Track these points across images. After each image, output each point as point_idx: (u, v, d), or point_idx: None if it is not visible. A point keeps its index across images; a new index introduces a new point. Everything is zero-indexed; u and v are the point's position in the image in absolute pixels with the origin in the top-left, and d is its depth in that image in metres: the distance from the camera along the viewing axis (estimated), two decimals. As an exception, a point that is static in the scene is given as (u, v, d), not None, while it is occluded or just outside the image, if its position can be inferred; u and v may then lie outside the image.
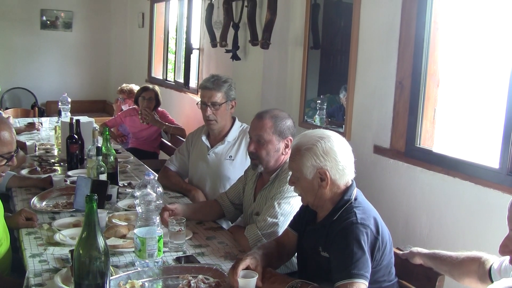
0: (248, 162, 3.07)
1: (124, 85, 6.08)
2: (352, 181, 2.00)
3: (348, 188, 1.98)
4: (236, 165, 3.14)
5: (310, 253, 2.03)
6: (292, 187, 2.36)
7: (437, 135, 3.04)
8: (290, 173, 2.06)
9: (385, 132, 3.22)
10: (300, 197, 2.36)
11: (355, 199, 1.96)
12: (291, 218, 2.34)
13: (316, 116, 3.93)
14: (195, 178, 3.28)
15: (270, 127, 2.49)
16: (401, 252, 2.11)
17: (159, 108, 5.32)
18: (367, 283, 1.77)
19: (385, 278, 1.96)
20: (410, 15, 3.03)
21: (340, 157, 1.93)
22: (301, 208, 2.19)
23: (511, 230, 1.46)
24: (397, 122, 3.14)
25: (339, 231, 1.87)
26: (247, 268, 1.91)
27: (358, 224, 1.84)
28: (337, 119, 3.86)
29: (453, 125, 3.07)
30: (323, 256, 1.93)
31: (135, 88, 5.88)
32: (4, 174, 2.27)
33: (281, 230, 2.34)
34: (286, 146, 2.51)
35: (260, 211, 2.50)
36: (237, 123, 3.23)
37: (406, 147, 3.09)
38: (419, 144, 3.05)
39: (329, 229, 1.92)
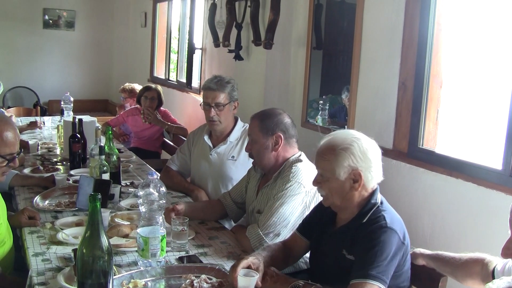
0: (250, 162, 3.07)
1: (126, 84, 6.09)
2: (377, 185, 1.97)
3: (374, 192, 1.95)
4: (239, 165, 3.14)
5: (332, 257, 1.98)
6: (294, 186, 2.37)
7: (440, 136, 3.04)
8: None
9: (387, 133, 3.22)
10: (300, 196, 2.37)
11: (381, 202, 1.93)
12: (293, 218, 2.34)
13: (318, 116, 3.93)
14: (197, 178, 3.28)
15: (255, 126, 2.52)
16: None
17: (161, 108, 5.32)
18: (383, 287, 1.75)
19: (405, 283, 1.95)
20: (414, 16, 3.03)
21: (374, 160, 1.90)
22: (315, 213, 2.15)
23: None
24: (400, 123, 3.14)
25: (367, 234, 1.84)
26: (249, 267, 1.90)
27: (387, 228, 1.82)
28: (339, 119, 3.86)
29: (456, 126, 3.07)
30: (348, 259, 1.89)
31: (137, 87, 5.89)
32: (6, 174, 2.27)
33: (283, 230, 2.34)
34: (276, 143, 2.49)
35: (261, 208, 2.50)
36: (239, 123, 3.23)
37: (408, 148, 3.09)
38: (422, 145, 3.04)
39: (356, 232, 1.89)
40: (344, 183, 1.90)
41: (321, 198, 2.04)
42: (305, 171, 2.41)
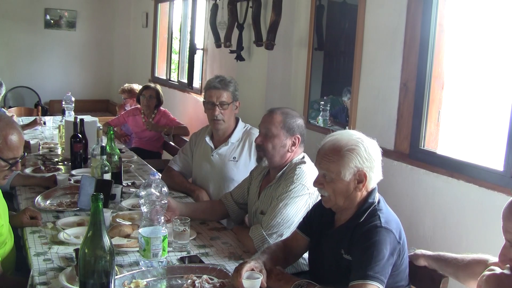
0: (252, 163, 3.08)
1: (125, 85, 6.10)
2: (375, 184, 1.98)
3: (372, 191, 1.96)
4: (240, 166, 3.14)
5: (331, 256, 1.99)
6: (298, 187, 2.37)
7: (441, 137, 3.04)
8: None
9: (389, 134, 3.22)
10: (304, 198, 2.37)
11: (378, 202, 1.94)
12: (297, 219, 2.34)
13: (320, 117, 3.93)
14: (199, 179, 3.28)
15: (279, 121, 2.50)
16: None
17: (161, 108, 5.33)
18: (381, 287, 1.76)
19: (403, 283, 1.95)
20: (415, 17, 3.03)
21: (377, 160, 1.92)
22: (315, 211, 2.16)
23: (507, 240, 1.45)
24: (401, 124, 3.14)
25: (363, 234, 1.85)
26: (252, 270, 1.90)
27: (382, 228, 1.83)
28: (340, 120, 3.86)
29: (457, 127, 3.07)
30: (346, 259, 1.90)
31: (136, 87, 5.90)
32: (7, 177, 2.26)
33: (286, 231, 2.34)
34: (293, 144, 2.51)
35: (264, 209, 2.50)
36: (241, 124, 3.24)
37: (410, 149, 3.09)
38: (423, 146, 3.05)
39: (354, 232, 1.90)
40: (349, 184, 1.91)
41: None
42: (309, 173, 2.41)
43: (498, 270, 1.60)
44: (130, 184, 3.26)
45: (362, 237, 1.85)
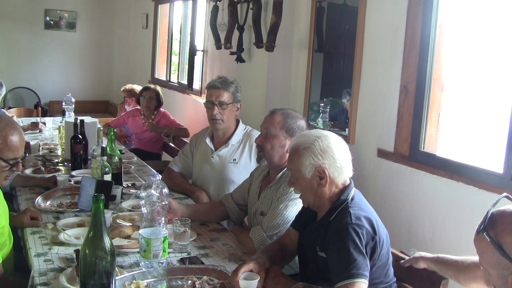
0: (252, 165, 3.09)
1: (128, 85, 6.11)
2: (350, 180, 2.02)
3: (345, 188, 1.99)
4: (240, 168, 3.15)
5: (309, 253, 2.04)
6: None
7: (441, 139, 3.04)
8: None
9: (389, 135, 3.23)
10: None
11: (352, 199, 1.97)
12: (296, 220, 2.35)
13: (319, 119, 3.93)
14: (199, 181, 3.29)
15: (278, 122, 2.52)
16: (403, 259, 2.10)
17: (160, 109, 5.33)
18: (367, 282, 1.78)
19: (382, 279, 1.96)
20: (416, 19, 3.04)
21: (337, 155, 1.96)
22: (303, 207, 2.19)
23: (484, 268, 1.42)
24: (401, 126, 3.15)
25: (334, 232, 1.88)
26: (250, 271, 1.91)
27: (353, 225, 1.85)
28: (340, 122, 3.87)
29: (457, 130, 3.08)
30: (320, 256, 1.95)
31: (136, 87, 5.91)
32: (8, 178, 2.26)
33: (286, 232, 2.35)
34: None
35: (264, 209, 2.51)
36: (241, 126, 3.24)
37: (410, 151, 3.10)
38: (423, 148, 3.05)
39: (326, 230, 1.94)
40: (312, 181, 1.97)
41: None
42: None
43: None
44: (130, 185, 3.26)
45: (334, 236, 1.88)
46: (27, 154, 2.39)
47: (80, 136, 3.59)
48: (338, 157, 1.95)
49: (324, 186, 1.96)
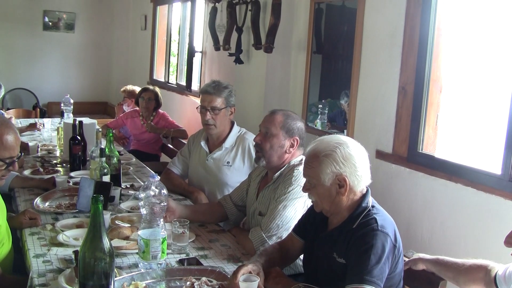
0: (246, 168, 3.11)
1: (129, 86, 6.11)
2: (367, 188, 1.99)
3: (364, 196, 1.96)
4: (234, 171, 3.17)
5: (324, 259, 1.99)
6: (296, 189, 2.38)
7: (439, 140, 3.05)
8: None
9: (387, 137, 3.23)
10: (302, 199, 2.38)
11: (373, 206, 1.95)
12: (294, 221, 2.34)
13: (318, 120, 3.94)
14: (194, 183, 3.31)
15: (279, 122, 2.52)
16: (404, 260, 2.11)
17: (159, 110, 5.33)
18: None
19: (397, 286, 1.96)
20: (414, 21, 3.04)
21: (358, 163, 1.92)
22: (309, 214, 2.17)
23: None
24: (399, 127, 3.15)
25: (360, 237, 1.85)
26: (249, 273, 1.91)
27: (379, 231, 1.84)
28: (338, 123, 3.87)
29: (455, 131, 3.08)
30: (339, 262, 1.91)
31: (138, 89, 5.90)
32: (5, 177, 2.27)
33: (285, 233, 2.34)
34: (292, 146, 2.52)
35: (262, 210, 2.52)
36: (235, 129, 3.25)
37: (408, 152, 3.10)
38: (422, 150, 3.06)
39: (348, 236, 1.90)
40: (330, 189, 1.93)
41: None
42: None
43: None
44: (128, 186, 3.26)
45: (358, 241, 1.85)
46: (22, 154, 2.39)
47: (79, 137, 3.59)
48: (359, 166, 1.91)
49: (343, 195, 1.92)
